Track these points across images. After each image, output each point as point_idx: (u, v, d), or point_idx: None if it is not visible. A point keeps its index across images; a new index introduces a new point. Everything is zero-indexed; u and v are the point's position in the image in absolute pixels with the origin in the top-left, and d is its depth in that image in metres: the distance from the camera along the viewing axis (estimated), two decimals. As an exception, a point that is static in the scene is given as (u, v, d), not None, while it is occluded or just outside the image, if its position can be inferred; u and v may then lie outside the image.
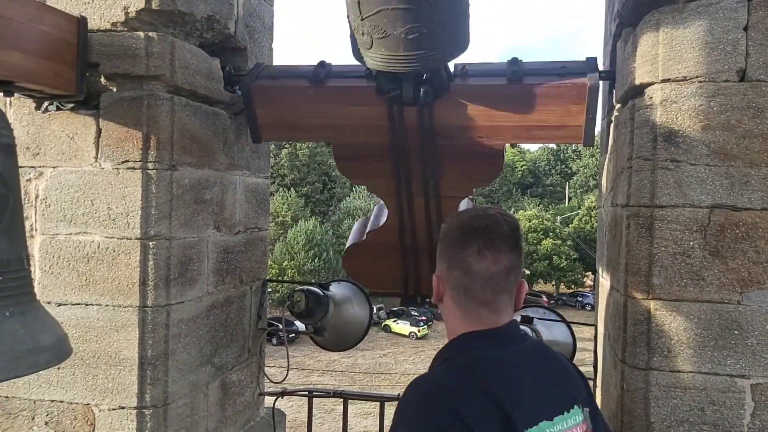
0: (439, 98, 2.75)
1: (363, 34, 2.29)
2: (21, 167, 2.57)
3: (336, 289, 3.67)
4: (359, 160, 3.08)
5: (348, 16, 2.30)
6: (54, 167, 2.60)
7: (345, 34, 2.54)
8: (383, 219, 3.26)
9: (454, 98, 2.77)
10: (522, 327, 1.71)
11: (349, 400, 3.69)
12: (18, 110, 2.63)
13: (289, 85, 2.96)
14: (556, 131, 2.78)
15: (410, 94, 2.70)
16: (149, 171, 2.52)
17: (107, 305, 2.54)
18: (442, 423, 1.33)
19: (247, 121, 3.04)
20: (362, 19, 2.21)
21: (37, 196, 2.61)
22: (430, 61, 2.44)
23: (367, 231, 3.35)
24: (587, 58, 2.75)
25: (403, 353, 36.70)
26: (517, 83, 2.71)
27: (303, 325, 3.66)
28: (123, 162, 2.53)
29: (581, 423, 1.54)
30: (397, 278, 3.29)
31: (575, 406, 1.54)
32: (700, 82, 2.19)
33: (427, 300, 3.21)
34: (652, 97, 2.25)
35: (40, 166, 2.61)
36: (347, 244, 3.52)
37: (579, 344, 3.35)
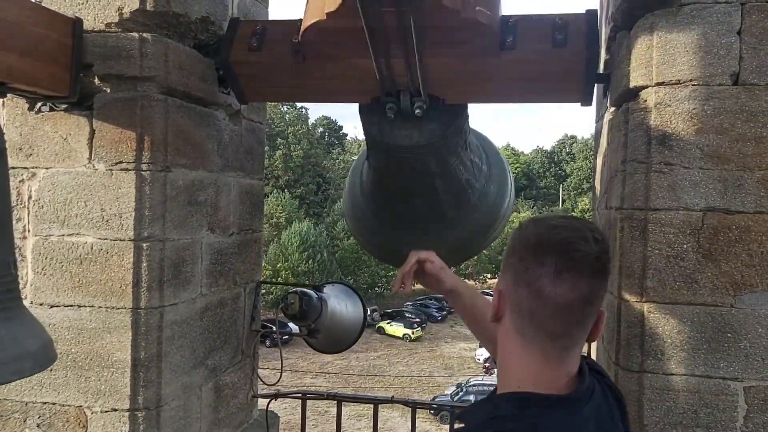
0: None
1: None
2: (14, 168, 2.56)
3: (330, 291, 3.67)
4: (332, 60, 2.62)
5: None
6: (47, 168, 2.59)
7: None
8: None
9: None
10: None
11: (343, 402, 3.68)
12: (11, 111, 2.62)
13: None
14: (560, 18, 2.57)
15: None
16: (143, 172, 2.51)
17: (100, 307, 2.53)
18: None
19: (230, 85, 2.90)
20: None
21: (30, 197, 2.60)
22: None
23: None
24: (587, 11, 2.63)
25: (396, 355, 36.72)
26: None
27: (297, 327, 3.65)
28: (117, 163, 2.52)
29: None
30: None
31: None
32: (693, 85, 2.19)
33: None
34: (646, 100, 2.25)
35: (33, 167, 2.60)
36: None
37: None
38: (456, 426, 1.36)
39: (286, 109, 59.52)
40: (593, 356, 3.10)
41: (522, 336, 1.26)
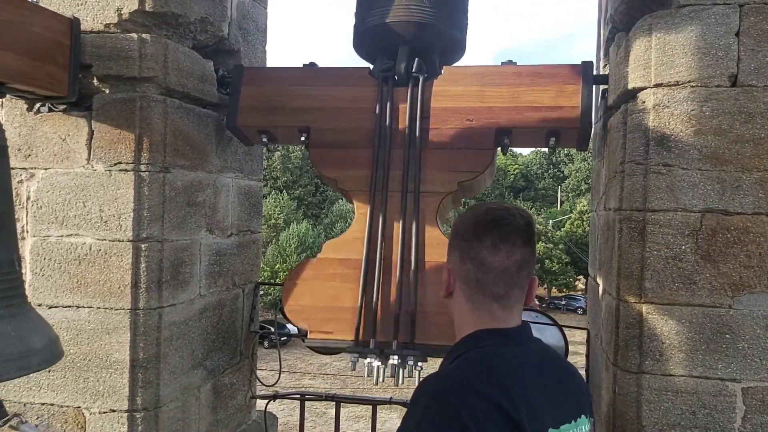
0: (431, 78, 2.80)
1: None
2: (13, 168, 2.56)
3: (328, 292, 3.65)
4: (337, 147, 2.88)
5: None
6: (46, 169, 2.59)
7: (339, 37, 2.58)
8: None
9: (446, 77, 2.82)
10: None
11: (341, 403, 3.68)
12: (10, 111, 2.62)
13: (279, 68, 3.09)
14: (551, 112, 2.67)
15: (403, 68, 2.77)
16: (141, 173, 2.51)
17: (99, 307, 2.53)
18: (452, 424, 1.29)
19: (229, 102, 2.94)
20: None
21: (28, 198, 2.60)
22: (429, 17, 2.73)
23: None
24: (583, 62, 2.73)
25: (395, 356, 36.64)
26: (511, 65, 2.80)
27: (295, 328, 3.64)
28: (115, 164, 2.52)
29: None
30: (348, 315, 2.74)
31: (582, 415, 1.50)
32: (692, 87, 2.20)
33: (392, 349, 2.63)
34: (644, 102, 2.26)
35: (31, 168, 2.60)
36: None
37: (571, 348, 3.35)
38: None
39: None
40: (591, 358, 3.11)
41: (471, 302, 1.49)
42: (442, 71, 2.85)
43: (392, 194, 2.79)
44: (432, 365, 1.93)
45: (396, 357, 2.61)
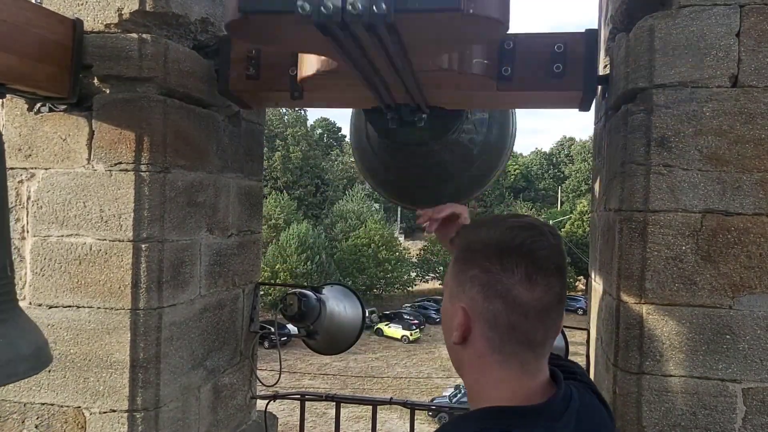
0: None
1: None
2: (13, 168, 2.56)
3: (328, 293, 3.67)
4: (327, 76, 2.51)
5: None
6: (46, 169, 2.59)
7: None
8: None
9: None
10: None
11: (342, 404, 3.68)
12: (10, 111, 2.62)
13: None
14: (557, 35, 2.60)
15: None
16: (142, 173, 2.51)
17: (99, 307, 2.53)
18: None
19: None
20: None
21: (28, 198, 2.60)
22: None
23: None
24: (586, 30, 2.63)
25: (395, 357, 36.70)
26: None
27: (295, 329, 3.65)
28: (116, 164, 2.52)
29: None
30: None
31: None
32: (692, 87, 2.20)
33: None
34: (645, 102, 2.26)
35: (32, 168, 2.60)
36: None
37: (571, 348, 3.36)
38: None
39: (284, 110, 59.54)
40: (591, 359, 3.10)
41: (500, 353, 1.16)
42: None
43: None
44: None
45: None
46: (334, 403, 3.67)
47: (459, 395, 26.28)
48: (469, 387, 1.22)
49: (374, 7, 1.47)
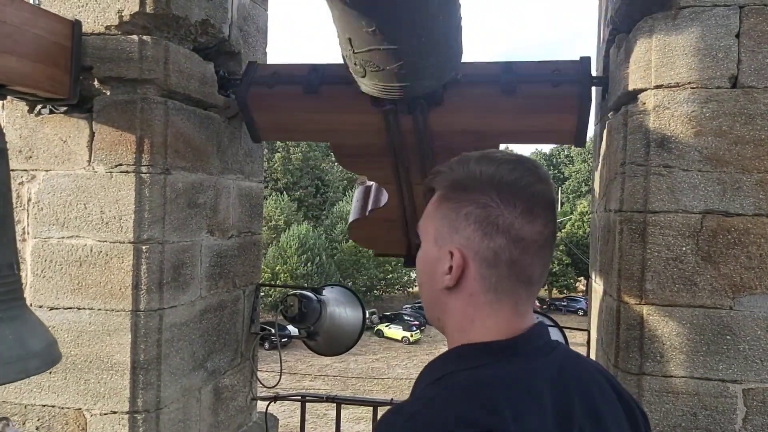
0: (434, 108, 2.78)
1: (356, 64, 2.29)
2: (13, 170, 2.56)
3: (329, 294, 3.67)
4: (359, 157, 3.13)
5: (340, 44, 2.29)
6: (47, 170, 2.59)
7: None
8: (383, 200, 3.37)
9: (447, 108, 2.79)
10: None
11: (342, 405, 3.68)
12: (11, 113, 2.62)
13: (283, 93, 2.94)
14: (549, 135, 2.89)
15: (405, 108, 2.75)
16: (142, 175, 2.51)
17: (99, 309, 2.53)
18: None
19: (246, 124, 3.08)
20: (354, 53, 2.20)
21: (29, 200, 2.60)
22: (425, 88, 2.54)
23: (369, 209, 3.51)
24: (581, 58, 2.77)
25: (395, 358, 36.67)
26: (510, 95, 2.71)
27: (296, 330, 3.65)
28: (116, 165, 2.52)
29: None
30: (400, 242, 3.41)
31: None
32: (692, 88, 2.20)
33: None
34: (645, 103, 2.26)
35: (32, 170, 2.60)
36: (350, 218, 3.76)
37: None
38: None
39: (284, 111, 59.23)
40: (593, 358, 3.10)
41: (494, 292, 1.08)
42: (443, 99, 2.80)
43: (415, 186, 3.07)
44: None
45: None
46: (335, 405, 3.66)
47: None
48: (450, 334, 1.14)
49: None
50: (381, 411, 3.62)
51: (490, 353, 1.06)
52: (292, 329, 3.72)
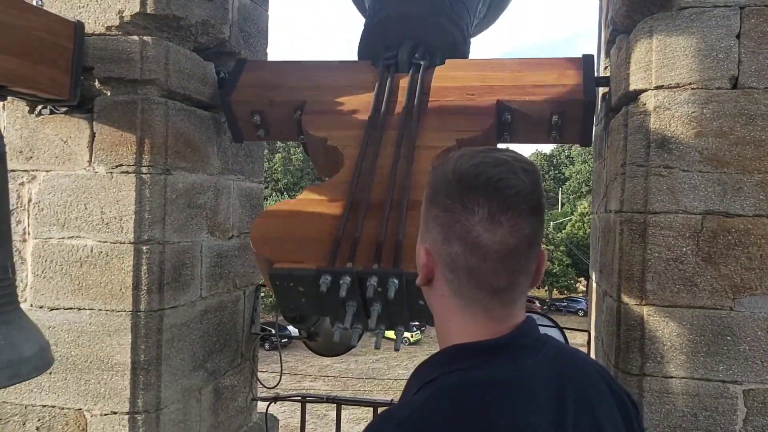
0: (433, 66, 2.86)
1: None
2: (14, 171, 2.56)
3: (329, 294, 3.66)
4: (330, 114, 2.78)
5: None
6: (47, 171, 2.59)
7: (339, 40, 2.57)
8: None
9: (448, 65, 2.87)
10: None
11: (342, 406, 3.68)
12: (11, 114, 2.62)
13: (283, 60, 3.11)
14: (554, 88, 2.67)
15: (405, 55, 2.81)
16: (143, 175, 2.51)
17: (100, 310, 2.53)
18: None
19: (227, 83, 2.92)
20: None
21: (30, 200, 2.60)
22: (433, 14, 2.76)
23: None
24: (584, 55, 2.79)
25: (395, 358, 36.63)
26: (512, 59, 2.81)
27: (296, 330, 3.65)
28: (117, 166, 2.52)
29: None
30: (323, 245, 2.33)
31: None
32: (693, 89, 2.20)
33: (372, 269, 2.22)
34: (645, 104, 2.26)
35: (33, 170, 2.60)
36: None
37: (572, 350, 3.35)
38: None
39: (285, 112, 59.31)
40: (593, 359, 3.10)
41: (460, 296, 1.05)
42: (444, 63, 2.92)
43: (384, 148, 2.60)
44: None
45: (375, 279, 2.20)
46: (335, 405, 3.66)
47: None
48: (438, 332, 1.14)
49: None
50: (381, 411, 3.62)
51: (479, 354, 1.04)
52: (293, 330, 3.72)
